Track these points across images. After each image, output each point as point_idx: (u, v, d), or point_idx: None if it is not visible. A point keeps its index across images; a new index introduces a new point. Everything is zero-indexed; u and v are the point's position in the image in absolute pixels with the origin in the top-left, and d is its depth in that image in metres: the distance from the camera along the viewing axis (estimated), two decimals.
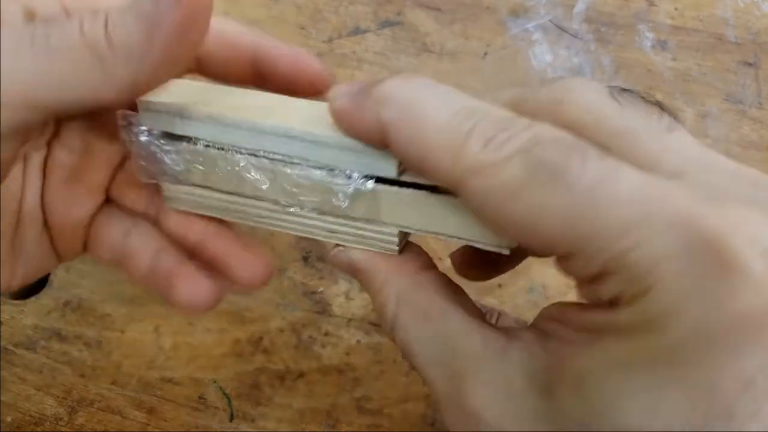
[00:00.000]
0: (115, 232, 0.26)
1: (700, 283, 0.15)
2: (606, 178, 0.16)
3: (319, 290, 0.37)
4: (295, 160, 0.23)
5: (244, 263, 0.26)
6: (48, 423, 0.32)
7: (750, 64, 0.46)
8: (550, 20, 0.49)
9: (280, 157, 0.23)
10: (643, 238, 0.15)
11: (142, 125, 0.24)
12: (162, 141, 0.25)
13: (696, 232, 0.15)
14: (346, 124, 0.21)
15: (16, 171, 0.24)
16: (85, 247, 0.26)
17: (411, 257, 0.23)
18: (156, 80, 0.22)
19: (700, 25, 0.49)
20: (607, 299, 0.17)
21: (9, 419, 0.32)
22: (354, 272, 0.24)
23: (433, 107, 0.18)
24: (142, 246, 0.26)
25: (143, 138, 0.25)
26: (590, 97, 0.20)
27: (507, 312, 0.25)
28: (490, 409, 0.18)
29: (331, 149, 0.22)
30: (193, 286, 0.25)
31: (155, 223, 0.26)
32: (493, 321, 0.24)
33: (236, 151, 0.24)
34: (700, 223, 0.15)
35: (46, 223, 0.25)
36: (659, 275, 0.15)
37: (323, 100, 0.23)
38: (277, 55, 0.26)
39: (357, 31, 0.49)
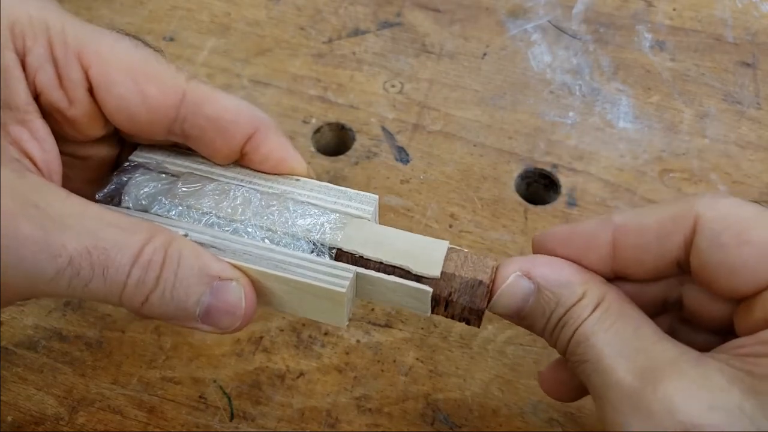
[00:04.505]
0: None
1: None
2: None
3: None
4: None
5: None
6: (49, 423, 0.33)
7: (748, 65, 0.46)
8: (548, 21, 0.49)
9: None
10: None
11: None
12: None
13: None
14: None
15: None
16: None
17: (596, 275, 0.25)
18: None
19: (699, 25, 0.49)
20: None
21: (10, 419, 0.33)
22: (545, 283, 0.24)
23: None
24: None
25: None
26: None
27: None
28: (688, 403, 0.19)
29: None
30: None
31: None
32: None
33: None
34: None
35: None
36: None
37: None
38: (267, 150, 0.27)
39: (357, 32, 0.49)
